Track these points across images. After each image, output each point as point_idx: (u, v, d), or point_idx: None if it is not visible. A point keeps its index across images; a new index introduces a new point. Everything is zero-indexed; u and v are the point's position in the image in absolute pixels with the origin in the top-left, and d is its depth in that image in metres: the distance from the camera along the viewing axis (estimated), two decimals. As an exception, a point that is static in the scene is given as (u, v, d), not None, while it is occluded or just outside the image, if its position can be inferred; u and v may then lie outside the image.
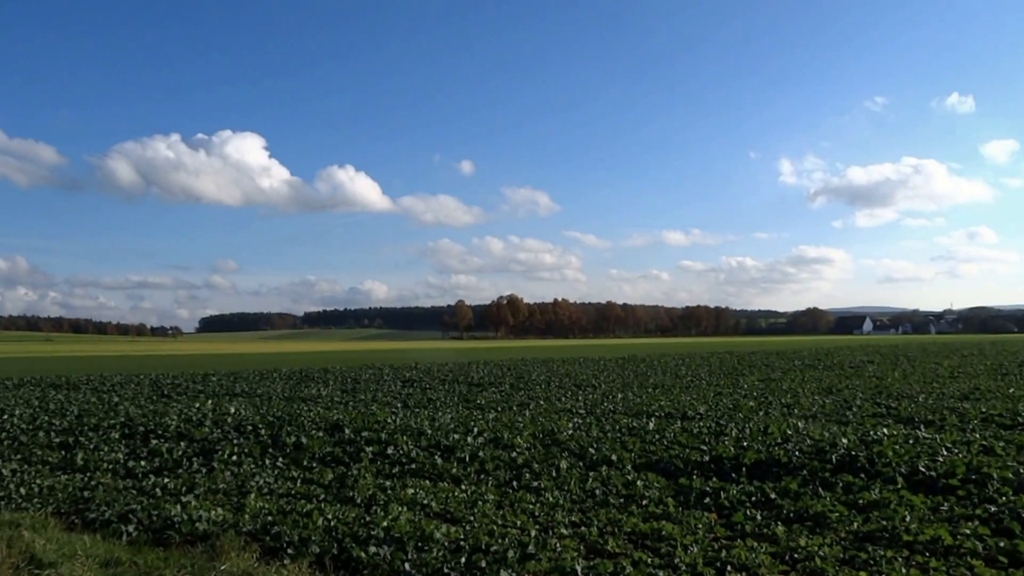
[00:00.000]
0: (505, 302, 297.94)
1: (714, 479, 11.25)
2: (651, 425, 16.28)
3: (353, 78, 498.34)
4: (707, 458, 12.42)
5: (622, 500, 10.27)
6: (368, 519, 8.91)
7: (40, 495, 10.86)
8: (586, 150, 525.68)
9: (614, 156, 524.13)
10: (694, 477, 11.39)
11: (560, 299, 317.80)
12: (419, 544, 7.94)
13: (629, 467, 12.29)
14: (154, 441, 15.27)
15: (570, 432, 15.28)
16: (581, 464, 12.58)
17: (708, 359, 53.20)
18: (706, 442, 13.82)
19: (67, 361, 70.53)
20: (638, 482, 11.09)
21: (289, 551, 7.84)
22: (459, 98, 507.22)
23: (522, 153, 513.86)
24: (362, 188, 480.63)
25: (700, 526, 8.88)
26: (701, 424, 16.45)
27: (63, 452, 14.54)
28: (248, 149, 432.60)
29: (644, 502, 10.12)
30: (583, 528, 8.81)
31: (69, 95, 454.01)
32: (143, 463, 13.31)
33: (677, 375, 36.39)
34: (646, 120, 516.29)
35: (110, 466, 13.17)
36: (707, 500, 10.19)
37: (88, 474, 12.59)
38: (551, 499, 10.23)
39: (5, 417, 19.30)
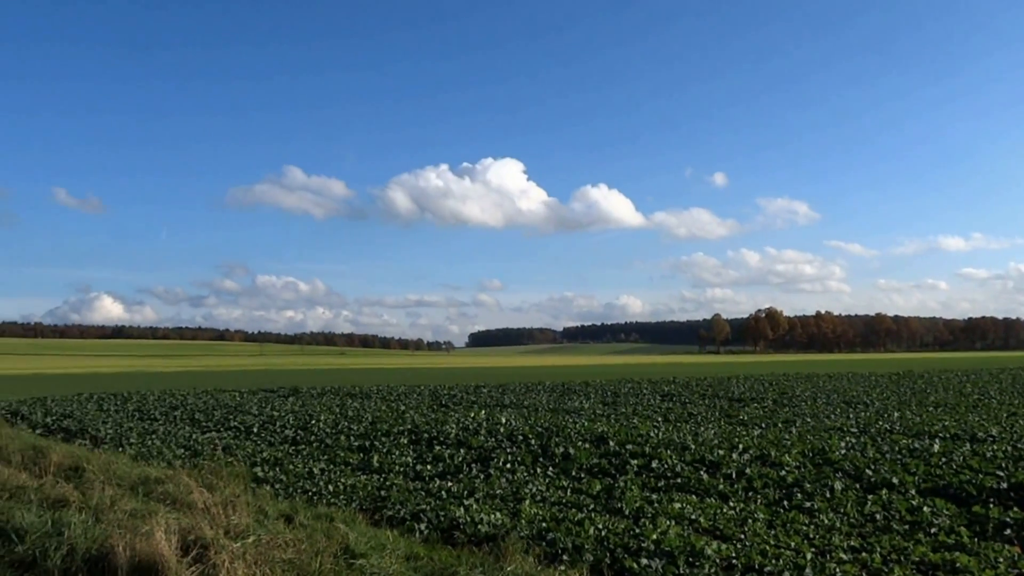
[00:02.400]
0: (763, 315, 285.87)
1: (1015, 509, 10.13)
2: (935, 447, 14.95)
3: (604, 101, 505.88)
4: (1005, 485, 11.20)
5: (906, 527, 9.58)
6: (637, 531, 9.11)
7: (345, 492, 12.26)
8: (848, 154, 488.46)
9: (880, 158, 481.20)
10: (991, 505, 10.31)
11: (823, 311, 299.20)
12: (690, 559, 8.00)
13: (912, 491, 11.41)
14: (437, 447, 16.65)
15: (843, 452, 14.46)
16: (857, 486, 11.88)
17: (998, 376, 47.45)
18: (1003, 467, 12.45)
19: (359, 373, 78.44)
20: (924, 508, 10.26)
21: (565, 557, 8.25)
22: (710, 111, 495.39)
23: (778, 162, 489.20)
24: (616, 206, 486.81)
25: (1001, 560, 8.06)
26: (995, 447, 14.82)
27: (361, 454, 16.30)
28: (508, 174, 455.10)
29: (932, 530, 9.36)
30: (864, 554, 8.35)
31: (354, 137, 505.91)
32: (429, 467, 14.55)
33: (962, 393, 32.92)
34: (918, 117, 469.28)
35: (401, 469, 14.55)
36: (1008, 531, 9.20)
37: (383, 475, 14.00)
38: (826, 521, 9.79)
39: (313, 422, 22.03)
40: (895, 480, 11.91)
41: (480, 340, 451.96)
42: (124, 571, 6.74)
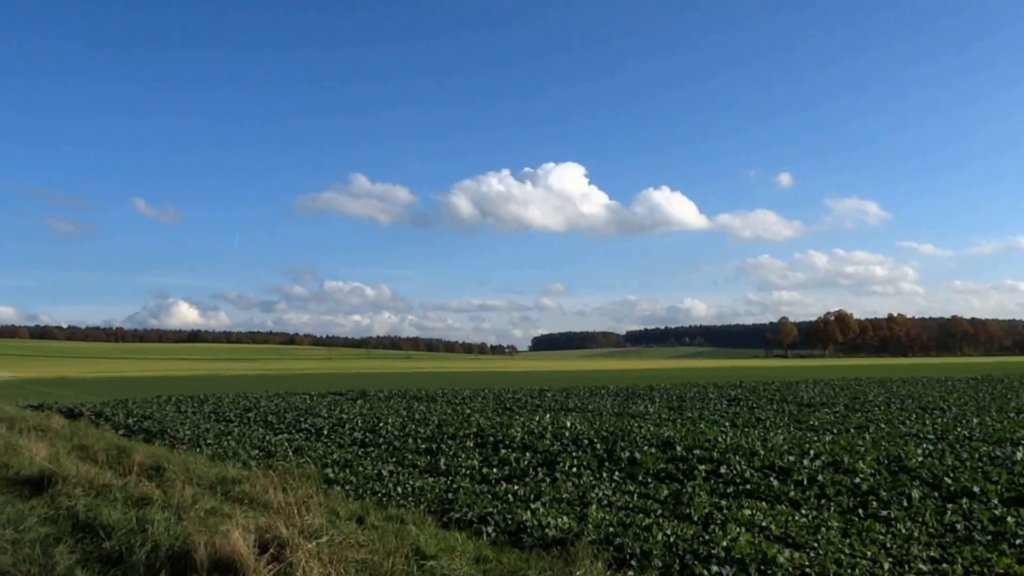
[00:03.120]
0: (833, 318, 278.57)
1: (1109, 521, 9.67)
2: (1018, 455, 14.37)
3: (666, 103, 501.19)
4: (1100, 496, 10.70)
5: (989, 537, 9.24)
6: (707, 537, 9.02)
7: (413, 494, 12.43)
8: (920, 152, 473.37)
9: (956, 156, 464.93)
10: (1083, 517, 9.87)
11: (895, 314, 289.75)
12: (761, 567, 7.89)
13: (995, 500, 11.00)
14: (503, 451, 16.75)
15: (920, 459, 14.04)
16: (936, 494, 11.52)
17: (1093, 380, 45.20)
18: (1097, 478, 11.89)
19: (424, 376, 79.29)
20: (1008, 518, 9.89)
21: (633, 563, 8.22)
22: (774, 111, 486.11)
23: (847, 161, 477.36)
24: (678, 208, 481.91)
25: (1093, 574, 7.71)
26: (1089, 457, 14.17)
27: (428, 457, 16.50)
28: (569, 178, 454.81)
29: (1018, 541, 9.01)
30: (944, 565, 8.10)
31: (417, 143, 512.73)
32: (495, 470, 14.64)
33: (1050, 398, 31.51)
34: (993, 116, 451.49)
35: (468, 472, 14.67)
36: (1100, 545, 8.79)
37: (450, 478, 14.14)
38: (903, 530, 9.52)
39: (381, 425, 22.38)
40: (976, 489, 11.50)
41: (543, 344, 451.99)
42: (205, 568, 6.98)
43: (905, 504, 10.93)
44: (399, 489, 12.73)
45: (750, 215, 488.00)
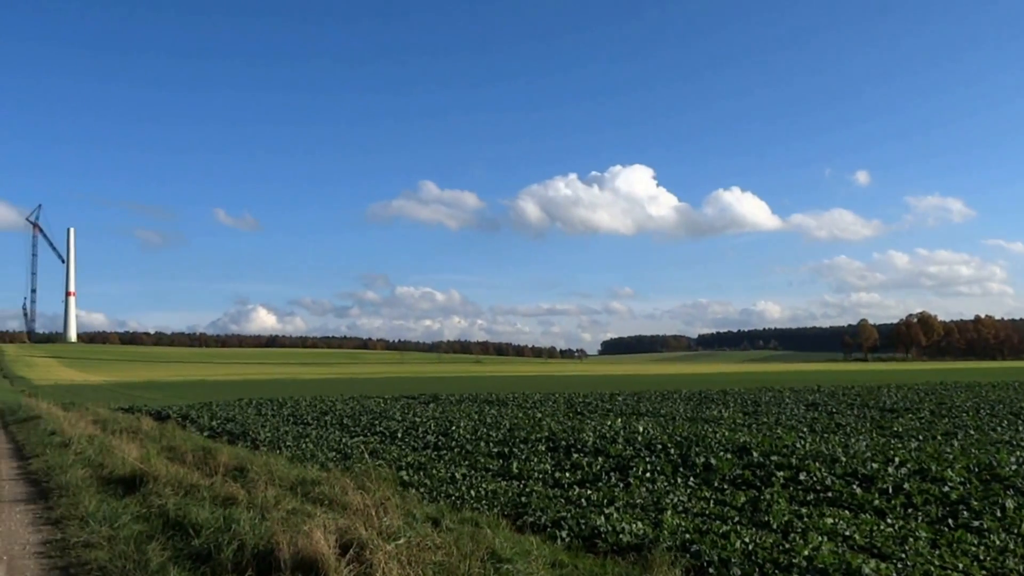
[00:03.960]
0: (915, 320, 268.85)
1: None
2: None
3: (734, 103, 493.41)
4: None
5: (1092, 551, 8.78)
6: (787, 546, 8.81)
7: (487, 498, 12.50)
8: (1005, 145, 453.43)
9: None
10: None
11: (982, 315, 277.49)
12: (845, 577, 7.67)
13: (1099, 513, 10.43)
14: (575, 455, 16.70)
15: (1013, 467, 13.42)
16: (1033, 505, 10.99)
17: None
18: None
19: (494, 380, 79.67)
20: (1113, 532, 9.38)
21: (711, 571, 8.09)
22: (849, 107, 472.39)
23: (927, 157, 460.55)
24: (750, 209, 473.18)
25: None
26: None
27: (500, 461, 16.57)
28: (637, 180, 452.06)
29: (1124, 556, 8.53)
30: (1042, 579, 7.73)
31: (484, 150, 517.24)
32: (567, 475, 14.61)
33: None
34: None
35: (540, 475, 14.68)
36: None
37: (522, 481, 14.17)
38: (998, 542, 9.11)
39: (453, 428, 22.59)
40: (1076, 500, 10.95)
41: (613, 348, 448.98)
42: (288, 567, 7.17)
43: (998, 514, 10.47)
44: (472, 492, 12.82)
45: (825, 215, 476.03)
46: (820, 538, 9.16)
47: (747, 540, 9.09)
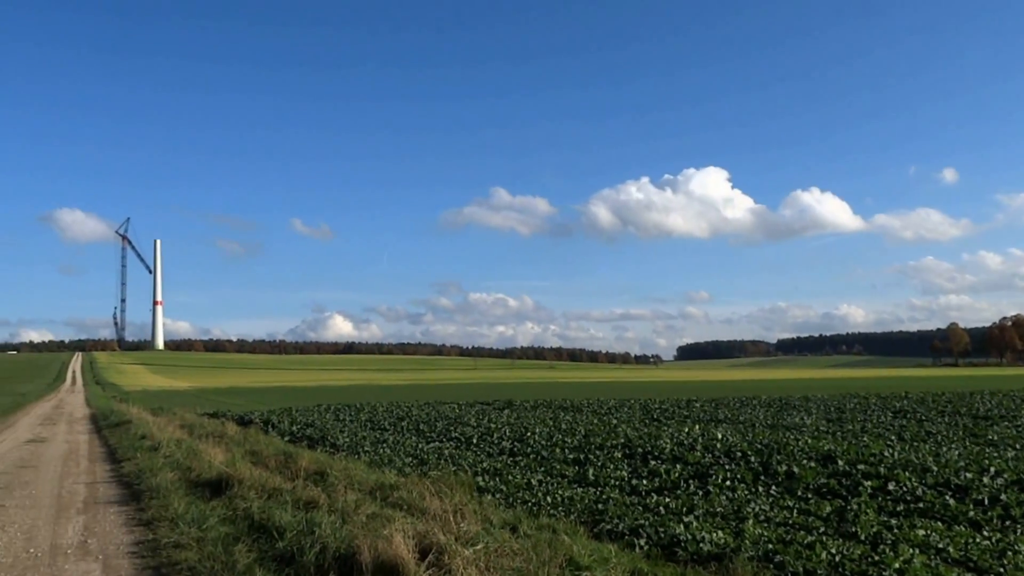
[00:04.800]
0: (1009, 323, 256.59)
1: None
2: None
3: (811, 102, 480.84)
4: None
5: None
6: (876, 558, 8.49)
7: (563, 504, 12.42)
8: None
9: None
10: None
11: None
12: (939, 591, 7.34)
13: None
14: (652, 462, 16.48)
15: (1125, 479, 12.65)
16: None
17: None
18: None
19: (568, 386, 79.43)
20: None
21: (796, 581, 7.87)
22: (936, 104, 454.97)
23: (1019, 153, 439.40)
24: (830, 210, 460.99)
25: None
26: None
27: (576, 467, 16.47)
28: (711, 183, 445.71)
29: None
30: None
31: (554, 155, 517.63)
32: (644, 482, 14.42)
33: None
34: None
35: (616, 483, 14.53)
36: None
37: (599, 488, 14.05)
38: (1106, 558, 8.60)
39: (528, 435, 22.58)
40: None
41: (689, 353, 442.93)
42: (369, 570, 7.27)
43: (1106, 529, 9.88)
44: (549, 499, 12.75)
45: (911, 214, 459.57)
46: (912, 550, 8.79)
47: (833, 551, 8.80)
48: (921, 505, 11.60)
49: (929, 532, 9.74)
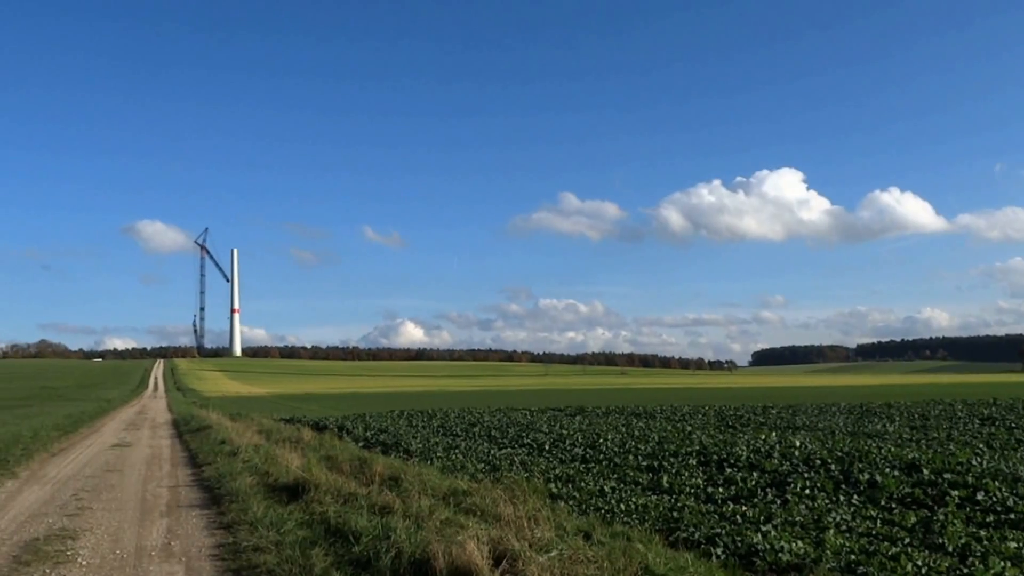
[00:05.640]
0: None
1: None
2: None
3: (890, 99, 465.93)
4: None
5: None
6: (965, 571, 8.16)
7: (636, 511, 12.29)
8: None
9: None
10: None
11: None
12: (1035, 607, 7.00)
13: None
14: (728, 470, 16.17)
15: None
16: None
17: None
18: None
19: (640, 392, 78.69)
20: None
21: (880, 594, 7.61)
22: (1019, 95, 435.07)
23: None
24: (910, 210, 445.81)
25: None
26: None
27: (650, 474, 16.28)
28: (785, 184, 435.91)
29: None
30: None
31: (623, 159, 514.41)
32: (720, 490, 14.16)
33: None
34: None
35: (691, 490, 14.29)
36: None
37: (673, 496, 13.85)
38: None
39: (601, 441, 22.43)
40: None
41: (764, 358, 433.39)
42: None
43: None
44: (622, 506, 12.64)
45: (997, 213, 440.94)
46: (1003, 563, 8.42)
47: (919, 563, 8.49)
48: (1012, 516, 11.09)
49: (1021, 544, 9.31)
